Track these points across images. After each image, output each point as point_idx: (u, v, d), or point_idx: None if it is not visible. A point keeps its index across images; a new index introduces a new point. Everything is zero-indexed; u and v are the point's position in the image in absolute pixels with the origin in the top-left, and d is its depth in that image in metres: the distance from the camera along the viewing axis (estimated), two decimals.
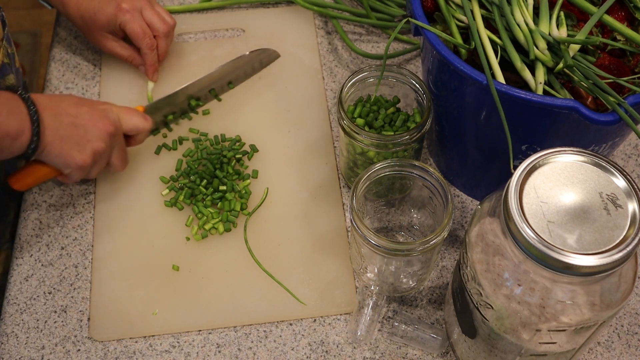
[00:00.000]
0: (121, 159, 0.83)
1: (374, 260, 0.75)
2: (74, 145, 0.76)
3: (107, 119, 0.79)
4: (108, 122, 0.79)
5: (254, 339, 0.78)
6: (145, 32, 0.92)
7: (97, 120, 0.78)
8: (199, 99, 0.94)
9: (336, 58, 1.00)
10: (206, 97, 0.95)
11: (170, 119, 0.92)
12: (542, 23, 0.69)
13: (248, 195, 0.86)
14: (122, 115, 0.82)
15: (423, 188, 0.76)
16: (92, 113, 0.78)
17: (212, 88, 0.95)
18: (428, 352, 0.76)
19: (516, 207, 0.54)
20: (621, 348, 0.77)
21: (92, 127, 0.77)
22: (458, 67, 0.68)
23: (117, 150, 0.82)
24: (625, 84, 0.67)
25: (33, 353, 0.77)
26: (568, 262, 0.52)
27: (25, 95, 0.73)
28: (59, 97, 0.79)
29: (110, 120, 0.79)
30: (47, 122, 0.74)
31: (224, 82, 0.96)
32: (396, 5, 1.01)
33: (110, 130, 0.79)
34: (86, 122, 0.77)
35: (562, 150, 0.57)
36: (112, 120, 0.79)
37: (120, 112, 0.82)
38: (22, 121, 0.72)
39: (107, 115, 0.79)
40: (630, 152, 0.91)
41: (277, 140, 0.92)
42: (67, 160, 0.76)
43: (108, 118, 0.79)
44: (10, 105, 0.72)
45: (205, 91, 0.94)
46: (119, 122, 0.81)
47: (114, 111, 0.81)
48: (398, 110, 0.83)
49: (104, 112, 0.79)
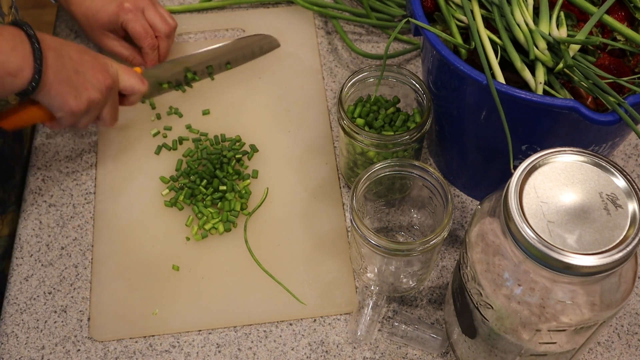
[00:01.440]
0: (112, 114, 0.84)
1: (374, 260, 0.75)
2: (72, 89, 0.76)
3: (106, 72, 0.80)
4: (107, 74, 0.80)
5: (254, 339, 0.78)
6: (147, 31, 0.92)
7: (97, 71, 0.79)
8: (195, 74, 0.96)
9: (336, 58, 1.00)
10: (202, 73, 0.96)
11: (165, 87, 0.94)
12: (542, 23, 0.69)
13: (248, 195, 0.86)
14: (121, 73, 0.83)
15: (423, 188, 0.76)
16: (94, 63, 0.79)
17: (209, 65, 0.96)
18: (428, 352, 0.76)
19: (516, 207, 0.54)
20: (621, 348, 0.77)
21: (91, 76, 0.78)
22: (458, 67, 0.68)
23: (110, 106, 0.83)
24: (625, 84, 0.67)
25: (33, 353, 0.77)
26: (568, 262, 0.52)
27: (30, 32, 0.72)
28: (63, 41, 0.78)
29: (110, 73, 0.80)
30: (50, 62, 0.74)
31: (222, 61, 0.97)
32: (396, 5, 1.01)
33: (108, 83, 0.79)
34: (87, 70, 0.78)
35: (562, 150, 0.57)
36: (111, 74, 0.81)
37: (119, 69, 0.83)
38: (25, 58, 0.71)
39: (108, 68, 0.80)
40: (630, 152, 0.91)
41: (277, 140, 0.92)
42: (62, 103, 0.76)
43: (108, 71, 0.80)
44: (14, 42, 0.71)
45: (203, 67, 0.96)
46: (117, 78, 0.82)
47: (114, 67, 0.82)
48: (398, 110, 0.83)
49: (104, 65, 0.80)
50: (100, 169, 0.90)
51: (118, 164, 0.90)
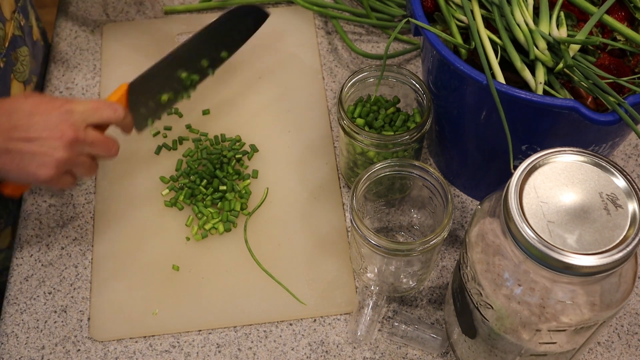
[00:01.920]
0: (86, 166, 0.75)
1: (374, 260, 0.75)
2: (30, 160, 0.70)
3: (65, 124, 0.71)
4: (66, 126, 0.71)
5: (254, 339, 0.78)
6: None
7: (53, 129, 0.70)
8: (191, 73, 0.84)
9: (336, 58, 1.00)
10: (199, 71, 0.85)
11: (165, 99, 0.82)
12: (542, 23, 0.69)
13: (248, 195, 0.86)
14: (88, 114, 0.73)
15: (423, 188, 0.76)
16: (47, 121, 0.71)
17: (203, 58, 0.85)
18: (428, 352, 0.76)
19: (516, 207, 0.54)
20: (621, 348, 0.77)
21: (48, 137, 0.70)
22: (458, 67, 0.68)
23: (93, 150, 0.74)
24: (625, 84, 0.67)
25: (33, 353, 0.77)
26: (568, 262, 0.52)
27: None
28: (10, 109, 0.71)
29: (72, 122, 0.71)
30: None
31: (215, 51, 0.86)
32: (396, 5, 1.01)
33: (70, 135, 0.71)
34: (40, 133, 0.70)
35: (562, 150, 0.57)
36: (72, 124, 0.71)
37: (85, 110, 0.73)
38: None
39: (66, 119, 0.71)
40: (630, 152, 0.91)
41: (277, 140, 0.92)
42: (27, 177, 0.71)
43: (66, 122, 0.71)
44: None
45: (197, 62, 0.84)
46: (82, 124, 0.72)
47: (77, 111, 0.72)
48: (398, 110, 0.83)
49: (61, 117, 0.71)
50: (100, 169, 0.90)
51: (118, 164, 0.90)
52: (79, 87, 0.97)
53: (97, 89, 0.97)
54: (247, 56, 0.99)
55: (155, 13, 1.05)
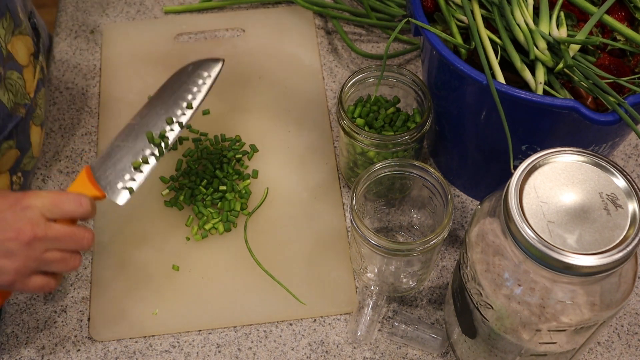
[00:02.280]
0: (60, 262, 0.67)
1: (374, 260, 0.75)
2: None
3: (21, 222, 0.64)
4: (23, 224, 0.64)
5: (254, 339, 0.78)
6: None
7: (7, 230, 0.64)
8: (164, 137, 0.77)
9: (336, 58, 1.00)
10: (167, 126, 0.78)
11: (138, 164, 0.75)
12: (542, 23, 0.69)
13: (248, 195, 0.86)
14: (47, 208, 0.66)
15: (423, 188, 0.76)
16: (3, 222, 0.64)
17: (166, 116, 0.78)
18: (428, 352, 0.76)
19: (516, 207, 0.54)
20: (621, 348, 0.77)
21: (1, 240, 0.64)
22: (458, 67, 0.68)
23: (59, 246, 0.67)
24: (625, 84, 0.67)
25: (33, 353, 0.77)
26: (568, 262, 0.52)
27: None
28: None
29: (27, 221, 0.64)
30: None
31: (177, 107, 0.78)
32: (396, 5, 1.01)
33: (27, 236, 0.64)
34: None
35: (562, 150, 0.57)
36: (29, 221, 0.64)
37: (44, 204, 0.66)
38: None
39: (22, 216, 0.64)
40: (630, 152, 0.91)
41: (277, 140, 0.92)
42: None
43: (23, 219, 0.64)
44: None
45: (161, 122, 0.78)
46: (41, 221, 0.65)
47: (35, 205, 0.65)
48: (398, 110, 0.83)
49: (17, 214, 0.64)
50: None
51: None
52: (79, 87, 0.97)
53: (97, 89, 0.97)
54: (247, 56, 1.00)
55: (155, 13, 1.06)
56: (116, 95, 0.96)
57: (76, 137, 0.93)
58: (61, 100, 0.96)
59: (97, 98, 0.96)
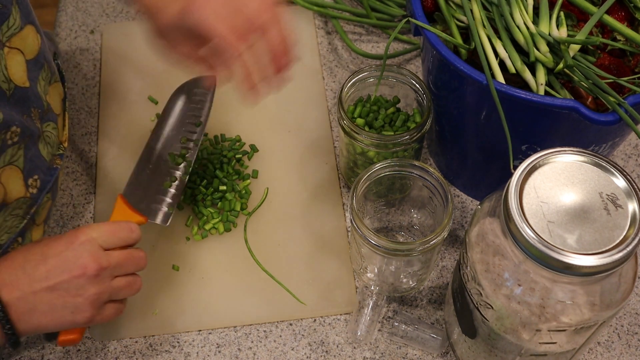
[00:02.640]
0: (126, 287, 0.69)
1: (374, 260, 0.75)
2: (62, 310, 0.65)
3: (84, 259, 0.65)
4: (87, 261, 0.65)
5: (254, 339, 0.78)
6: (237, 30, 0.65)
7: (72, 268, 0.64)
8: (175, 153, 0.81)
9: (336, 58, 1.00)
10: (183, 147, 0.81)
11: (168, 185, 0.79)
12: (542, 23, 0.69)
13: (248, 195, 0.86)
14: (104, 239, 0.67)
15: (423, 188, 0.76)
16: (63, 261, 0.65)
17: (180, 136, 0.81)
18: (428, 352, 0.76)
19: (516, 207, 0.54)
20: (621, 348, 0.77)
21: (70, 279, 0.64)
22: (458, 67, 0.68)
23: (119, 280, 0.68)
24: (625, 84, 0.67)
25: (33, 353, 0.77)
26: (568, 262, 0.52)
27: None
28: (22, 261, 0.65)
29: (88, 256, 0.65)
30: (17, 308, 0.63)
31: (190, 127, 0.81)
32: (396, 5, 1.01)
33: (93, 269, 0.65)
34: (61, 277, 0.64)
35: (562, 150, 0.57)
36: (90, 256, 0.65)
37: (100, 235, 0.67)
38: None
39: (83, 253, 0.65)
40: (630, 152, 0.91)
41: (277, 140, 0.92)
42: (68, 325, 0.66)
43: (84, 257, 0.65)
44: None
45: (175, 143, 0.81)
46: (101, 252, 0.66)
47: (93, 238, 0.67)
48: (398, 110, 0.83)
49: (77, 252, 0.65)
50: (100, 169, 0.90)
51: (118, 164, 0.90)
52: (79, 87, 0.97)
53: (97, 89, 0.97)
54: None
55: None
56: (116, 95, 0.96)
57: (76, 137, 0.93)
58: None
59: (97, 98, 0.96)
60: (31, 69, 0.72)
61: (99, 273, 0.65)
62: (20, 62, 0.70)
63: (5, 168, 0.69)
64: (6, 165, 0.69)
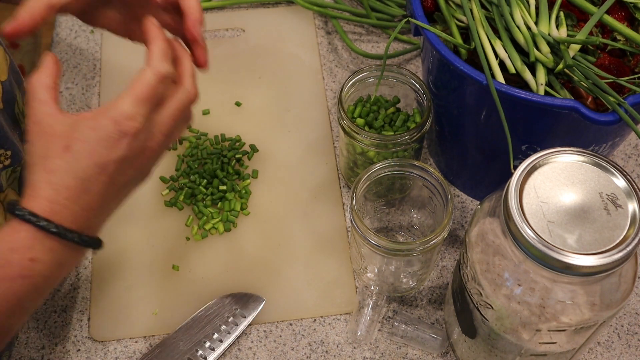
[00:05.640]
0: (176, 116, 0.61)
1: (374, 260, 0.75)
2: (134, 180, 0.61)
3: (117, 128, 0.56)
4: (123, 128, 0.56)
5: (254, 339, 0.78)
6: None
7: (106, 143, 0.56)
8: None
9: (336, 58, 1.00)
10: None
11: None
12: (542, 23, 0.69)
13: (248, 195, 0.86)
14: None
15: (423, 188, 0.76)
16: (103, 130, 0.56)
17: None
18: (428, 352, 0.76)
19: (516, 207, 0.54)
20: (621, 348, 0.77)
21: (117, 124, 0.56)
22: (458, 67, 0.68)
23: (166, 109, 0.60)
24: (625, 84, 0.67)
25: (33, 353, 0.77)
26: (568, 262, 0.52)
27: (40, 223, 0.54)
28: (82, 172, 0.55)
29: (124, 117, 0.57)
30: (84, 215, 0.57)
31: (202, 349, 0.75)
32: (396, 5, 1.01)
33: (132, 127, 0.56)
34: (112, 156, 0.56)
35: (562, 150, 0.57)
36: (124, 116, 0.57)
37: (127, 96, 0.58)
38: (65, 253, 0.56)
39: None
40: (630, 152, 0.91)
41: (277, 140, 0.92)
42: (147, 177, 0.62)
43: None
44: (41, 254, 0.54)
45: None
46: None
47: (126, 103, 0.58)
48: (398, 110, 0.83)
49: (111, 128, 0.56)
50: None
51: None
52: (79, 87, 0.97)
53: (97, 89, 0.97)
54: (247, 56, 1.00)
55: None
56: (116, 95, 0.96)
57: None
58: (61, 100, 0.96)
59: (97, 98, 0.96)
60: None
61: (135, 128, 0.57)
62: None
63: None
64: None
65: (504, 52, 0.69)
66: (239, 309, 0.78)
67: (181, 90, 0.61)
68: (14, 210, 0.54)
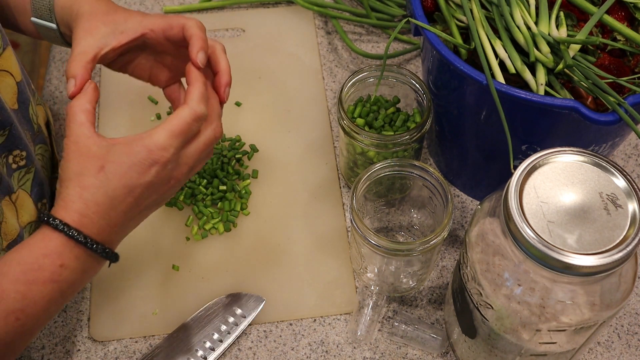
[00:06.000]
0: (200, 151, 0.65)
1: (374, 260, 0.75)
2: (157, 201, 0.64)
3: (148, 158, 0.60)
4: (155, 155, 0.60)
5: (254, 339, 0.78)
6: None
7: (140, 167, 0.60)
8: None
9: (336, 58, 1.00)
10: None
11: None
12: (542, 23, 0.69)
13: (248, 195, 0.86)
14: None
15: (423, 188, 0.76)
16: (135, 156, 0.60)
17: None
18: (428, 352, 0.76)
19: (516, 207, 0.54)
20: (621, 348, 0.77)
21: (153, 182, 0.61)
22: (458, 67, 0.68)
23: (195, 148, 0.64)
24: (625, 84, 0.67)
25: (33, 353, 0.77)
26: (568, 262, 0.52)
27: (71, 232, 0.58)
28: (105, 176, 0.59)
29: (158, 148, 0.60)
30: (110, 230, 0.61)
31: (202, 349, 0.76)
32: (396, 5, 1.01)
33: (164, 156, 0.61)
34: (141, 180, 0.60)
35: (562, 150, 0.57)
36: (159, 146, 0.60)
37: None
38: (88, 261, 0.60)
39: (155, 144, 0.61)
40: (630, 152, 0.91)
41: (277, 140, 0.92)
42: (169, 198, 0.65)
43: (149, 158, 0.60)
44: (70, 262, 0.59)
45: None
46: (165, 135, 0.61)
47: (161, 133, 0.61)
48: (398, 110, 0.83)
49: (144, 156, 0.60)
50: None
51: None
52: None
53: None
54: (247, 56, 1.00)
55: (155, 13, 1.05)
56: (116, 95, 0.96)
57: None
58: (61, 100, 0.96)
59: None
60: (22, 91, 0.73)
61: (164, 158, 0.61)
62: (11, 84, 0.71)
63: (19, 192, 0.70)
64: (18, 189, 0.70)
65: (504, 52, 0.69)
66: (239, 309, 0.78)
67: (210, 128, 0.66)
68: (48, 220, 0.58)
